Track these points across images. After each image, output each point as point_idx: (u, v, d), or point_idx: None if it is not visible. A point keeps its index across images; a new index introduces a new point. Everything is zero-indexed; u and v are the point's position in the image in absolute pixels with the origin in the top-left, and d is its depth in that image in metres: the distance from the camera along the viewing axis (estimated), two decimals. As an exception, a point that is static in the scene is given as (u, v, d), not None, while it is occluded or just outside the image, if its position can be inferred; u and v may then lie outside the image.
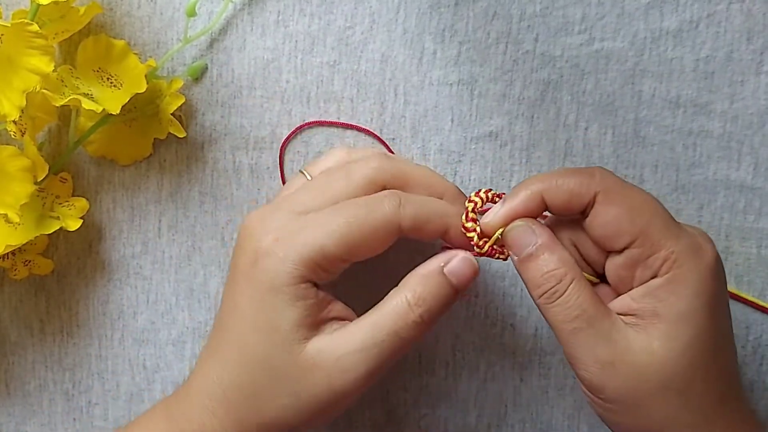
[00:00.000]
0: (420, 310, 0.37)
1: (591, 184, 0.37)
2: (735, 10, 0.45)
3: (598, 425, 0.48)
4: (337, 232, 0.38)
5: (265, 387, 0.38)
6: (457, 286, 0.39)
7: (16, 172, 0.42)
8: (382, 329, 0.37)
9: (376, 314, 0.38)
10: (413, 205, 0.38)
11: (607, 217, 0.37)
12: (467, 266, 0.39)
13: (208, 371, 0.40)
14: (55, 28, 0.43)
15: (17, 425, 0.49)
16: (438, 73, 0.46)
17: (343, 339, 0.38)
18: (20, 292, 0.49)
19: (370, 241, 0.38)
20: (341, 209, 0.38)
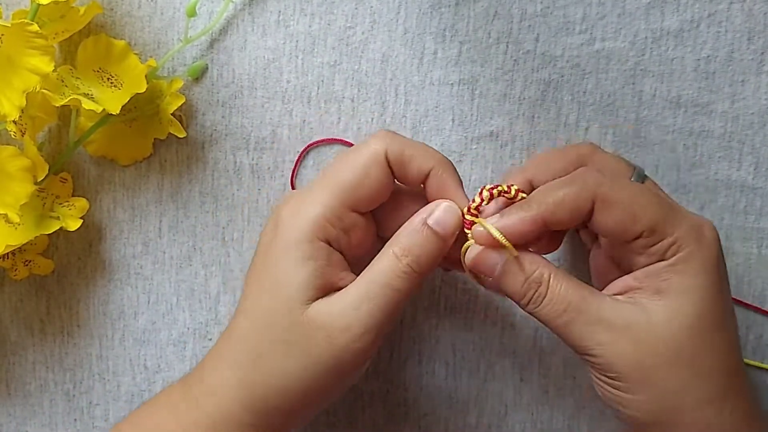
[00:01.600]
0: (407, 260, 0.38)
1: (588, 193, 0.38)
2: (736, 10, 0.45)
3: (598, 425, 0.48)
4: (335, 182, 0.39)
5: (269, 352, 0.38)
6: (443, 234, 0.39)
7: (16, 172, 0.41)
8: (374, 284, 0.38)
9: (368, 271, 0.39)
10: (401, 139, 0.40)
11: (610, 223, 0.38)
12: (450, 214, 0.39)
13: (225, 333, 0.40)
14: (55, 28, 0.43)
15: (18, 426, 0.49)
16: (439, 73, 0.46)
17: (340, 298, 0.38)
18: (20, 292, 0.49)
19: (365, 179, 0.39)
20: (338, 161, 0.40)
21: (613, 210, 0.38)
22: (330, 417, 0.49)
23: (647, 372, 0.37)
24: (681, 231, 0.37)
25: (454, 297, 0.48)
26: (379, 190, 0.40)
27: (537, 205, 0.38)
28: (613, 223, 0.38)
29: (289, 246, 0.38)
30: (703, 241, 0.38)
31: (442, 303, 0.48)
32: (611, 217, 0.38)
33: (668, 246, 0.37)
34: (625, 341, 0.37)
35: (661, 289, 0.37)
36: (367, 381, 0.48)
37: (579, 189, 0.38)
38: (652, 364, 0.37)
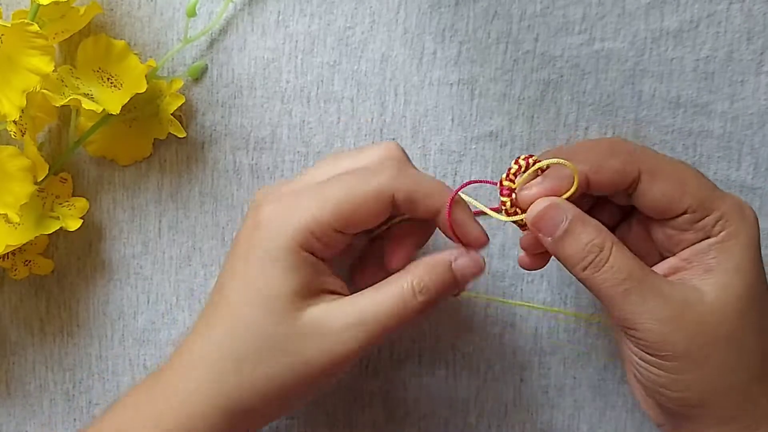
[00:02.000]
0: (422, 298, 0.38)
1: (634, 162, 0.38)
2: (735, 10, 0.45)
3: (598, 425, 0.48)
4: (330, 200, 0.38)
5: (254, 354, 0.38)
6: (460, 282, 0.39)
7: (16, 172, 0.41)
8: (383, 308, 0.38)
9: (380, 293, 0.38)
10: (411, 177, 0.39)
11: (657, 194, 0.38)
12: (475, 265, 0.39)
13: (196, 337, 0.39)
14: (55, 28, 0.43)
15: (17, 425, 0.49)
16: (438, 73, 0.46)
17: (343, 311, 0.38)
18: (20, 292, 0.49)
19: (363, 210, 0.38)
20: (339, 179, 0.39)
21: (661, 181, 0.38)
22: (330, 417, 0.49)
23: (699, 351, 0.37)
24: (726, 207, 0.38)
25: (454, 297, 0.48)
26: (373, 223, 0.39)
27: (582, 164, 0.38)
28: (660, 194, 0.38)
29: (273, 255, 0.38)
30: (747, 219, 0.38)
31: (442, 303, 0.48)
32: (659, 188, 0.38)
33: (714, 221, 0.38)
34: (681, 319, 0.37)
35: (710, 267, 0.38)
36: (367, 381, 0.48)
37: (627, 155, 0.38)
38: (704, 343, 0.37)
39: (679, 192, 0.38)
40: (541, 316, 0.47)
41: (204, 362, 0.38)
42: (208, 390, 0.38)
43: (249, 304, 0.38)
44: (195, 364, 0.39)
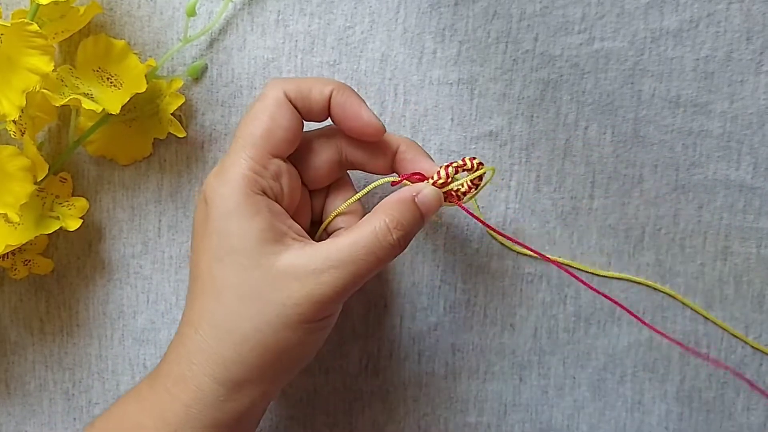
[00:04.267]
0: (397, 234, 0.39)
1: None
2: (734, 10, 0.45)
3: (597, 425, 0.48)
4: (248, 134, 0.39)
5: (240, 310, 0.38)
6: (424, 214, 0.40)
7: (16, 171, 0.41)
8: (360, 248, 0.38)
9: (355, 233, 0.39)
10: (292, 80, 0.40)
11: None
12: (435, 197, 0.40)
13: (184, 319, 0.39)
14: (55, 27, 0.43)
15: (17, 425, 0.49)
16: (438, 72, 0.46)
17: (318, 254, 0.38)
18: (20, 292, 0.49)
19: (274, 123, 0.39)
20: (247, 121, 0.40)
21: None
22: (330, 417, 0.49)
23: None
24: None
25: (454, 297, 0.48)
26: (292, 129, 0.40)
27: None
28: None
29: (230, 210, 0.38)
30: None
31: (442, 303, 0.48)
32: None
33: None
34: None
35: None
36: (367, 381, 0.48)
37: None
38: None
39: None
40: (541, 315, 0.47)
41: (195, 340, 0.38)
42: (205, 366, 0.38)
43: (222, 266, 0.38)
44: (189, 345, 0.39)
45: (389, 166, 0.42)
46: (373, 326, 0.48)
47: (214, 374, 0.38)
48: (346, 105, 0.40)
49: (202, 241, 0.39)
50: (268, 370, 0.38)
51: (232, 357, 0.38)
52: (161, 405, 0.38)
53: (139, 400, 0.40)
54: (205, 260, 0.38)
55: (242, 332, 0.37)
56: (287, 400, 0.49)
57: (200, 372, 0.38)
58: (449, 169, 0.41)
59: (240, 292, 0.38)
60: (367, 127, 0.40)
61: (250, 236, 0.38)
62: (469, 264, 0.47)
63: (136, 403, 0.40)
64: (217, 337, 0.38)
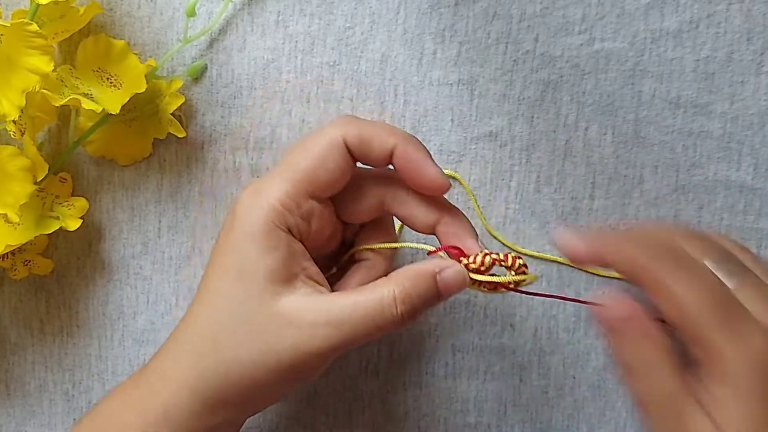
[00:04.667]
0: (403, 308, 0.37)
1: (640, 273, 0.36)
2: (735, 11, 0.45)
3: (597, 425, 0.48)
4: (293, 166, 0.38)
5: (230, 334, 0.37)
6: (443, 294, 0.38)
7: (15, 172, 0.41)
8: (361, 312, 0.37)
9: (361, 296, 0.38)
10: (358, 121, 0.39)
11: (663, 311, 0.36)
12: (460, 280, 0.38)
13: (182, 321, 0.39)
14: (54, 28, 0.43)
15: (17, 426, 0.49)
16: (438, 73, 0.46)
17: (320, 306, 0.37)
18: (20, 292, 0.49)
19: (322, 164, 0.38)
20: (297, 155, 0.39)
21: (661, 301, 0.36)
22: (330, 417, 0.49)
23: None
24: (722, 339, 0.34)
25: (454, 297, 0.48)
26: (338, 175, 0.39)
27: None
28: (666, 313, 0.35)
29: (248, 235, 0.37)
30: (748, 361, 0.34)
31: (442, 303, 0.48)
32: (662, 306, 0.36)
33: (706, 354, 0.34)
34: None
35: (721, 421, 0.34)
36: (367, 381, 0.48)
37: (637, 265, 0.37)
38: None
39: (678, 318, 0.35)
40: (541, 315, 0.47)
41: (185, 344, 0.38)
42: (186, 373, 0.38)
43: (226, 283, 0.38)
44: (177, 347, 0.39)
45: (430, 231, 0.40)
46: (373, 326, 0.48)
47: (194, 386, 0.38)
48: (410, 159, 0.38)
49: (222, 250, 0.39)
50: (245, 400, 0.38)
51: (211, 377, 0.37)
52: (143, 402, 0.38)
53: (123, 396, 0.40)
54: (218, 270, 0.38)
55: (227, 359, 0.37)
56: (287, 400, 0.49)
57: (182, 377, 0.38)
58: (487, 258, 0.38)
59: (237, 318, 0.37)
60: (431, 183, 0.39)
61: (261, 269, 0.37)
62: (469, 264, 0.47)
63: (121, 399, 0.40)
64: (204, 352, 0.38)
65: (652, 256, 0.36)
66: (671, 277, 0.35)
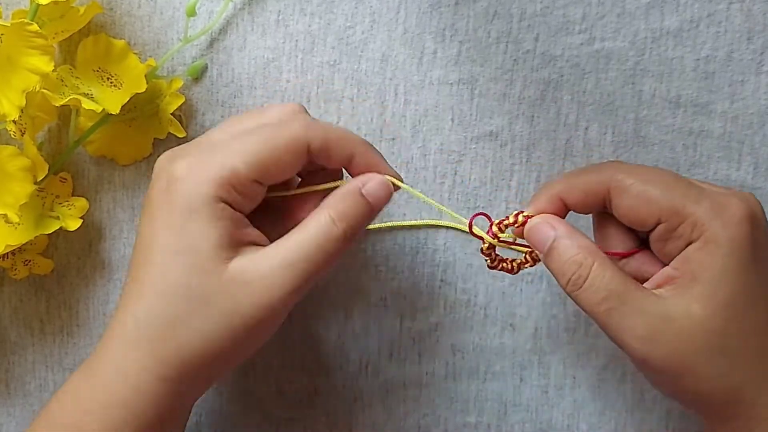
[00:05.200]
0: (343, 225, 0.38)
1: (602, 180, 0.39)
2: (735, 10, 0.45)
3: (597, 425, 0.48)
4: (248, 150, 0.38)
5: (186, 315, 0.37)
6: (373, 205, 0.39)
7: (16, 172, 0.41)
8: (306, 245, 0.38)
9: (301, 232, 0.38)
10: (322, 126, 0.39)
11: (624, 209, 0.39)
12: (383, 188, 0.40)
13: (125, 311, 0.39)
14: (55, 27, 0.43)
15: (17, 425, 0.49)
16: (438, 72, 0.46)
17: (268, 257, 0.38)
18: (20, 292, 0.49)
19: (280, 160, 0.39)
20: (253, 131, 0.39)
21: (627, 196, 0.38)
22: (330, 417, 0.49)
23: (682, 366, 0.37)
24: (700, 209, 0.37)
25: (454, 297, 0.48)
26: (289, 173, 0.39)
27: (557, 184, 0.40)
28: (628, 208, 0.38)
29: (193, 212, 0.37)
30: (728, 218, 0.37)
31: (442, 303, 0.48)
32: (626, 203, 0.38)
33: (691, 227, 0.37)
34: (662, 335, 0.37)
35: (696, 274, 0.37)
36: (367, 381, 0.48)
37: (595, 173, 0.39)
38: (687, 357, 0.37)
39: (645, 204, 0.38)
40: (541, 315, 0.47)
41: (137, 337, 0.38)
42: (146, 365, 0.38)
43: (173, 264, 0.38)
44: (128, 341, 0.38)
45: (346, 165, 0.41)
46: (373, 326, 0.48)
47: (157, 373, 0.37)
48: (369, 165, 0.40)
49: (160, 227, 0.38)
50: (213, 370, 0.39)
51: (174, 360, 0.37)
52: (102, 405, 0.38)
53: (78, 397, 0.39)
54: (161, 250, 0.38)
55: (190, 338, 0.37)
56: (287, 400, 0.49)
57: (137, 371, 0.38)
58: (494, 228, 0.41)
59: (189, 294, 0.37)
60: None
61: (206, 243, 0.37)
62: (469, 264, 0.47)
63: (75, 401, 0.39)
64: (162, 338, 0.37)
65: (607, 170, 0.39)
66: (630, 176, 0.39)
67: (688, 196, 0.38)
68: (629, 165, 0.40)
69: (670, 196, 0.38)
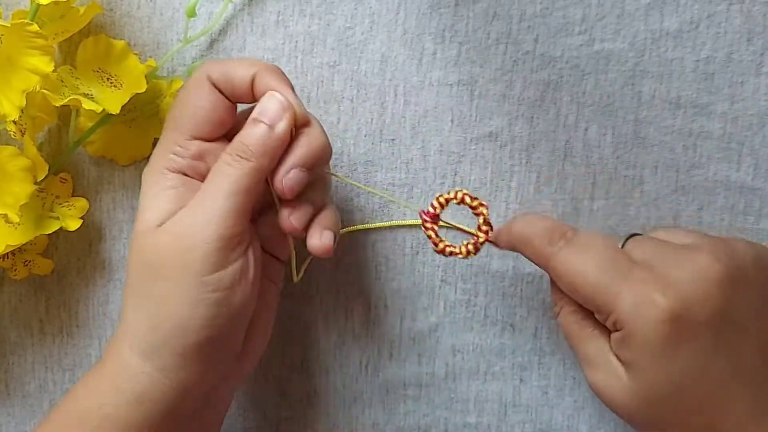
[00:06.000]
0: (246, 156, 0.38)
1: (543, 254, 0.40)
2: (735, 11, 0.44)
3: (597, 425, 0.48)
4: (170, 117, 0.41)
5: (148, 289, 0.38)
6: (270, 123, 0.39)
7: (16, 172, 0.42)
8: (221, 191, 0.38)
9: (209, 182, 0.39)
10: (220, 62, 0.40)
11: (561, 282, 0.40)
12: (270, 102, 0.39)
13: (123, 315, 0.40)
14: (55, 28, 0.43)
15: (17, 425, 0.49)
16: (438, 73, 0.46)
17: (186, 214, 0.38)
18: (20, 292, 0.49)
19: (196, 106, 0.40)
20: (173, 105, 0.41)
21: (559, 279, 0.40)
22: (330, 417, 0.49)
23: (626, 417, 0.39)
24: (621, 307, 0.38)
25: (454, 297, 0.48)
26: (213, 111, 0.40)
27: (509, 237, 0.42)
28: (563, 288, 0.40)
29: (147, 189, 0.40)
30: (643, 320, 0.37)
31: (442, 303, 0.48)
32: (559, 283, 0.40)
33: (612, 322, 0.38)
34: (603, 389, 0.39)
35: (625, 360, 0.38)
36: (367, 381, 0.48)
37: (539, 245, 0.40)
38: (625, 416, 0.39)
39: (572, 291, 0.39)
40: (541, 316, 0.47)
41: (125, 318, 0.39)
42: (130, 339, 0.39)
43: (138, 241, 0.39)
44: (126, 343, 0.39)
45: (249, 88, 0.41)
46: (373, 326, 0.48)
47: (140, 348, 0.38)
48: (269, 86, 0.40)
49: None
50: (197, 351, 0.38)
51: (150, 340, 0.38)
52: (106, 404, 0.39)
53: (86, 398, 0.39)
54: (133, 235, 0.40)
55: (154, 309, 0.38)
56: (287, 400, 0.49)
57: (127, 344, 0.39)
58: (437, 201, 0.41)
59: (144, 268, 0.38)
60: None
61: (154, 209, 0.39)
62: (469, 264, 0.47)
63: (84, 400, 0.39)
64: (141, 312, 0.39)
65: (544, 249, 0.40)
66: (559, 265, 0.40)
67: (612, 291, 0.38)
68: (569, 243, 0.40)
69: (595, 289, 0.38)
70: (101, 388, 0.39)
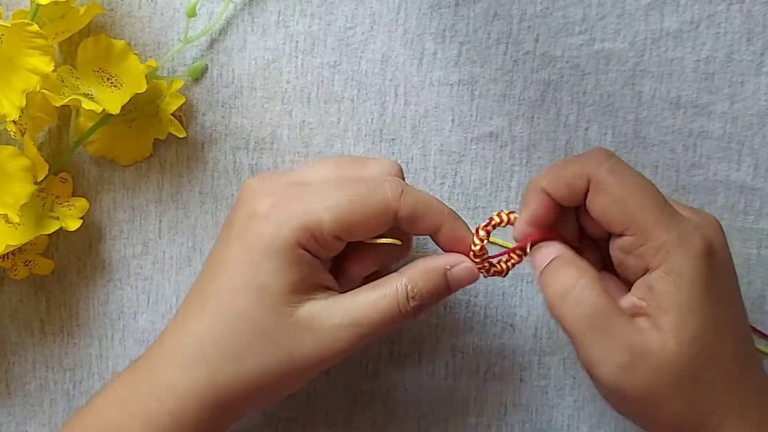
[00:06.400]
0: (415, 303, 0.39)
1: (583, 173, 0.38)
2: (735, 11, 0.45)
3: (597, 425, 0.48)
4: (335, 206, 0.38)
5: (248, 347, 0.38)
6: (452, 288, 0.40)
7: (16, 172, 0.41)
8: (376, 310, 0.38)
9: (374, 294, 0.39)
10: (414, 195, 0.39)
11: (598, 206, 0.38)
12: (469, 276, 0.40)
13: (185, 328, 0.39)
14: (55, 28, 0.43)
15: (18, 425, 0.49)
16: (438, 73, 0.46)
17: (337, 309, 0.38)
18: (20, 293, 0.49)
19: (366, 223, 0.39)
20: (343, 185, 0.39)
21: (604, 195, 0.37)
22: (330, 417, 0.49)
23: (654, 397, 0.37)
24: (669, 238, 0.36)
25: (454, 297, 0.48)
26: (371, 234, 0.39)
27: (543, 179, 0.39)
28: (601, 209, 0.37)
29: (273, 248, 0.38)
30: (690, 249, 0.36)
31: (442, 303, 0.48)
32: (600, 201, 0.37)
33: (654, 251, 0.37)
34: (639, 366, 0.37)
35: (663, 306, 0.37)
36: (367, 381, 0.48)
37: (578, 166, 0.38)
38: (660, 388, 0.37)
39: (618, 212, 0.37)
40: (541, 315, 0.47)
41: (195, 355, 0.38)
42: (199, 384, 0.38)
43: (244, 297, 0.38)
44: (185, 357, 0.39)
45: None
46: (373, 326, 0.48)
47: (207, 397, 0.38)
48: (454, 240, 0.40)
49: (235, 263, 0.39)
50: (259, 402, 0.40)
51: (230, 387, 0.38)
52: (148, 411, 0.39)
53: (122, 403, 0.40)
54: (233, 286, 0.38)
55: (248, 369, 0.38)
56: (287, 400, 0.49)
57: (193, 388, 0.38)
58: (481, 233, 0.40)
59: (254, 328, 0.38)
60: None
61: (282, 283, 0.38)
62: (469, 264, 0.47)
63: (119, 407, 0.39)
64: (220, 365, 0.38)
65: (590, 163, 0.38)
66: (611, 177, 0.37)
67: (660, 221, 0.37)
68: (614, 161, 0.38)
69: (645, 213, 0.37)
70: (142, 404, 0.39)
